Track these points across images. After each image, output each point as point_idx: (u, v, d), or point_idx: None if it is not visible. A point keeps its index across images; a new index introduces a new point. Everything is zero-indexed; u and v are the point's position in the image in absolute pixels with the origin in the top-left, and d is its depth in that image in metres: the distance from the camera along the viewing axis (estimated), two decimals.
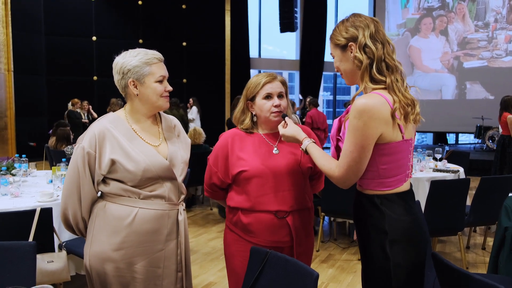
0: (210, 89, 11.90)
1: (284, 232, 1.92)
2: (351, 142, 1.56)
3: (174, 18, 11.65)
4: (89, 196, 1.80)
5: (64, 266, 2.63)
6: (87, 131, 1.81)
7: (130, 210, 1.77)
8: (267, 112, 1.94)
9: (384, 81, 1.60)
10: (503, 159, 6.61)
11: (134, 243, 1.77)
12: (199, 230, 5.10)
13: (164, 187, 1.82)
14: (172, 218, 1.85)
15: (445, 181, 3.84)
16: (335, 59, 1.71)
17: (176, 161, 1.88)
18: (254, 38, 13.95)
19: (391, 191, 1.63)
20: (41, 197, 3.01)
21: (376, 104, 1.54)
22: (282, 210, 1.90)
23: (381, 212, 1.61)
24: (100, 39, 11.03)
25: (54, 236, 2.78)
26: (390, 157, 1.60)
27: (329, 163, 1.65)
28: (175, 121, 2.02)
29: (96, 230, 1.80)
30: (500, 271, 2.79)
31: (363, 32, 1.62)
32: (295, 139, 1.81)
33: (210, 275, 3.75)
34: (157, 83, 1.81)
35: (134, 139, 1.80)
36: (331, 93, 17.23)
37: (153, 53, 1.84)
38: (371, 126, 1.53)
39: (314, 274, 1.52)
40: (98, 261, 1.78)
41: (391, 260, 1.58)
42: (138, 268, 1.79)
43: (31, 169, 4.16)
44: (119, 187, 1.77)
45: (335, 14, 14.90)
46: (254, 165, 1.90)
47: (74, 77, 10.87)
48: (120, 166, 1.74)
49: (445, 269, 1.78)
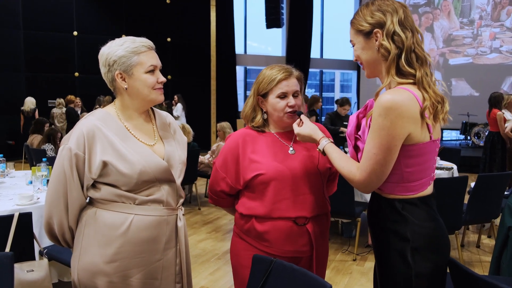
0: (195, 85, 11.71)
1: (304, 241, 1.74)
2: (375, 143, 1.40)
3: (158, 13, 11.42)
4: (77, 203, 1.60)
5: (45, 275, 2.43)
6: (73, 130, 1.60)
7: (125, 217, 1.57)
8: (280, 111, 1.76)
9: (412, 75, 1.43)
10: (493, 155, 6.61)
11: (130, 254, 1.58)
12: (188, 231, 4.91)
13: (162, 191, 1.63)
14: (171, 224, 1.66)
15: (443, 179, 3.75)
16: (356, 47, 1.53)
17: (174, 162, 1.69)
18: (239, 34, 13.80)
19: (414, 195, 1.48)
20: (20, 199, 2.81)
21: (405, 101, 1.37)
22: (302, 216, 1.72)
23: (403, 217, 1.47)
24: (81, 34, 10.74)
25: (34, 242, 2.59)
26: (416, 159, 1.45)
27: (349, 166, 1.50)
28: (169, 117, 1.83)
29: (86, 241, 1.60)
30: (503, 272, 2.71)
31: (391, 17, 1.44)
32: (311, 138, 1.64)
33: (202, 279, 3.59)
34: (148, 74, 1.62)
35: (127, 138, 1.61)
36: (316, 90, 17.17)
37: (141, 41, 1.65)
38: (399, 125, 1.37)
39: (327, 286, 1.37)
40: (89, 275, 1.58)
41: (412, 269, 1.44)
42: (134, 281, 1.60)
43: (9, 169, 3.94)
44: (112, 192, 1.58)
45: (321, 11, 14.84)
46: (271, 167, 1.72)
47: (55, 74, 10.56)
48: (113, 168, 1.54)
49: (462, 275, 1.66)
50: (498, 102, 6.37)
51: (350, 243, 4.38)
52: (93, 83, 1.84)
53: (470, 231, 4.92)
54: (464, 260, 4.01)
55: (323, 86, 16.13)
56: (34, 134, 6.49)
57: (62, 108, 9.36)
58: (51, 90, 10.25)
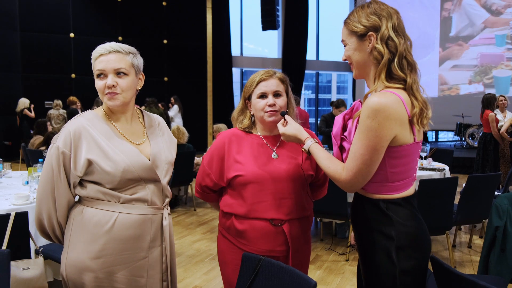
0: (191, 87, 11.75)
1: (280, 241, 1.80)
2: (362, 144, 1.44)
3: (155, 15, 11.47)
4: (64, 200, 1.66)
5: (41, 273, 2.47)
6: (62, 130, 1.67)
7: (110, 215, 1.63)
8: (260, 111, 1.82)
9: (402, 79, 1.48)
10: (485, 156, 6.68)
11: (114, 251, 1.64)
12: (183, 232, 4.97)
13: (147, 190, 1.68)
14: (156, 223, 1.71)
15: (433, 180, 3.81)
16: (348, 47, 1.56)
17: (160, 162, 1.74)
18: (236, 36, 13.85)
19: (398, 195, 1.53)
20: (16, 199, 2.85)
21: (392, 104, 1.42)
22: (278, 219, 1.78)
23: (387, 217, 1.51)
24: (78, 36, 10.77)
25: (30, 241, 2.63)
26: (400, 160, 1.50)
27: (335, 166, 1.54)
28: (159, 119, 1.89)
29: (73, 237, 1.66)
30: (491, 271, 2.76)
31: (386, 22, 1.48)
32: (296, 138, 1.68)
33: (196, 279, 3.63)
34: (97, 79, 1.67)
35: (113, 138, 1.66)
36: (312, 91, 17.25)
37: (101, 46, 1.68)
38: (386, 127, 1.41)
39: (312, 283, 1.43)
40: (75, 271, 1.64)
41: (397, 267, 1.49)
42: (119, 277, 1.66)
43: (6, 169, 3.97)
44: (97, 190, 1.64)
45: (316, 12, 14.91)
46: (251, 170, 1.78)
47: (51, 75, 10.59)
48: (97, 166, 1.60)
49: (445, 274, 1.71)
50: (490, 103, 6.43)
51: (340, 243, 4.43)
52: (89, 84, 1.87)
53: (462, 232, 4.98)
54: (456, 260, 4.06)
55: (320, 88, 16.19)
56: (36, 136, 6.61)
57: (59, 110, 9.37)
58: (48, 91, 10.27)
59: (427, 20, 12.48)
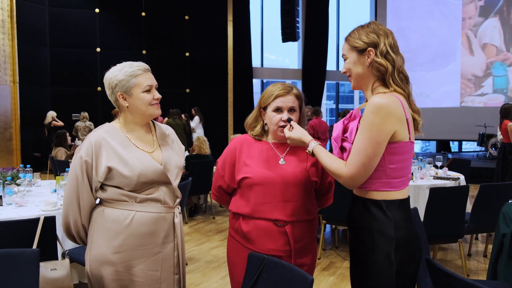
0: (213, 98, 11.97)
1: (283, 241, 1.92)
2: (365, 138, 1.59)
3: (177, 28, 11.76)
4: (88, 203, 1.87)
5: (67, 274, 2.66)
6: (84, 141, 1.88)
7: (127, 213, 1.82)
8: (274, 125, 1.95)
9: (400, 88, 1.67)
10: (505, 166, 6.61)
11: (132, 246, 1.83)
12: (202, 239, 5.13)
13: (160, 191, 1.88)
14: (168, 221, 1.90)
15: (444, 188, 3.86)
16: (348, 61, 1.73)
17: (170, 166, 1.94)
18: (256, 48, 14.04)
19: (396, 195, 1.65)
20: (45, 206, 3.05)
21: (394, 103, 1.60)
22: (282, 220, 1.91)
23: (388, 218, 1.63)
24: (104, 50, 11.16)
25: (58, 244, 2.82)
26: (398, 157, 1.64)
27: (337, 163, 1.67)
28: (169, 129, 2.09)
29: (96, 236, 1.86)
30: (499, 277, 2.80)
31: (384, 40, 1.67)
32: (301, 141, 1.82)
33: (212, 283, 3.77)
34: (145, 93, 1.88)
35: (128, 147, 1.87)
36: (334, 101, 17.28)
37: (137, 65, 1.90)
38: (388, 122, 1.58)
39: (309, 279, 1.55)
40: (97, 264, 1.83)
41: (395, 267, 1.60)
42: (137, 271, 1.84)
43: (35, 179, 4.21)
44: (117, 192, 1.84)
45: (336, 23, 15.01)
46: (258, 173, 1.92)
47: (79, 89, 10.98)
48: (116, 172, 1.80)
49: (440, 275, 1.80)
50: (509, 113, 6.39)
51: None
52: None
53: (479, 241, 4.98)
54: (471, 269, 4.07)
55: (341, 98, 16.22)
56: (57, 147, 6.72)
57: (85, 122, 9.73)
58: (75, 104, 10.64)
59: (447, 30, 12.42)
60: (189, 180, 4.29)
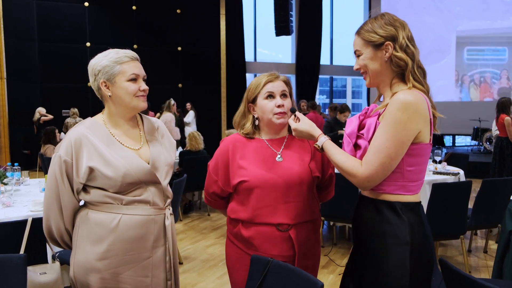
0: (205, 93, 11.85)
1: (287, 246, 1.79)
2: (389, 136, 1.46)
3: (169, 23, 11.61)
4: (70, 206, 1.72)
5: (57, 277, 2.53)
6: (63, 139, 1.73)
7: (113, 216, 1.68)
8: (269, 113, 1.80)
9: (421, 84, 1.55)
10: (502, 161, 6.58)
11: (120, 252, 1.68)
12: (197, 237, 5.01)
13: (148, 192, 1.73)
14: (159, 223, 1.75)
15: (447, 184, 3.77)
16: (363, 57, 1.59)
17: (159, 164, 1.78)
18: (249, 42, 13.94)
19: (411, 198, 1.55)
20: (34, 206, 2.92)
21: (421, 101, 1.49)
22: (284, 223, 1.77)
23: (403, 221, 1.52)
24: (94, 45, 10.96)
25: (47, 246, 2.69)
26: (417, 159, 1.53)
27: (352, 161, 1.54)
28: (158, 122, 1.93)
29: (80, 240, 1.71)
30: (505, 276, 2.73)
31: (402, 32, 1.55)
32: (309, 135, 1.67)
33: (209, 283, 3.66)
34: (129, 82, 1.72)
35: (112, 144, 1.72)
36: (327, 96, 17.22)
37: (124, 52, 1.75)
38: (414, 120, 1.47)
39: (319, 284, 1.45)
40: (83, 272, 1.69)
41: (409, 271, 1.50)
42: (125, 278, 1.70)
43: (24, 177, 4.07)
44: (101, 194, 1.69)
45: (330, 17, 14.92)
46: (255, 175, 1.77)
47: (69, 84, 10.78)
48: (98, 173, 1.65)
49: (454, 276, 1.71)
50: (505, 107, 6.35)
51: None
52: None
53: (478, 237, 4.92)
54: (471, 265, 4.01)
55: (335, 93, 16.16)
56: (46, 145, 6.55)
57: (76, 118, 9.53)
58: (65, 100, 10.47)
59: (443, 24, 12.38)
60: (184, 177, 4.17)
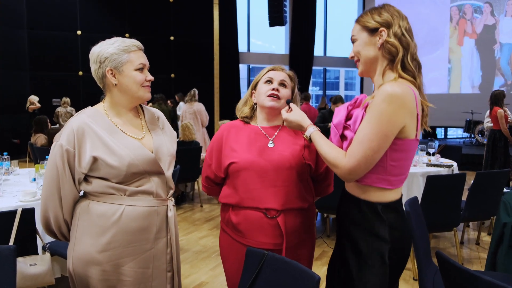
0: (198, 83, 11.73)
1: (275, 233, 1.77)
2: (373, 128, 1.44)
3: (161, 12, 11.48)
4: (70, 197, 1.67)
5: (47, 269, 2.50)
6: (64, 127, 1.67)
7: (116, 208, 1.64)
8: (263, 95, 1.86)
9: (412, 76, 1.52)
10: (495, 153, 6.62)
11: (122, 243, 1.65)
12: (190, 228, 4.98)
13: (152, 182, 1.70)
14: (161, 214, 1.73)
15: (441, 176, 3.77)
16: (357, 43, 1.58)
17: (162, 154, 1.75)
18: (243, 32, 13.85)
19: (391, 195, 1.55)
20: (23, 196, 2.87)
21: (408, 94, 1.45)
22: (272, 209, 1.76)
23: (382, 221, 1.53)
24: (85, 33, 10.81)
25: (37, 237, 2.65)
26: (401, 154, 1.51)
27: (336, 152, 1.53)
28: (158, 113, 1.90)
29: (80, 232, 1.67)
30: (499, 267, 2.74)
31: (399, 21, 1.53)
32: (299, 125, 1.68)
33: (202, 275, 3.64)
34: (137, 72, 1.69)
35: (115, 133, 1.67)
36: (320, 87, 17.20)
37: (131, 41, 1.72)
38: (400, 114, 1.43)
39: (315, 277, 1.42)
40: (82, 264, 1.65)
41: (388, 268, 1.54)
42: (126, 270, 1.67)
43: (13, 167, 4.00)
44: (103, 184, 1.65)
45: (324, 8, 14.85)
46: (244, 157, 1.79)
47: (59, 73, 10.65)
48: (102, 163, 1.61)
49: (450, 269, 1.71)
50: (499, 99, 6.37)
51: None
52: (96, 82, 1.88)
53: (470, 229, 4.95)
54: (464, 257, 4.03)
55: (328, 84, 16.15)
56: (37, 134, 6.49)
57: (67, 107, 9.41)
58: (56, 89, 10.33)
59: (437, 16, 12.37)
60: (177, 168, 4.13)
